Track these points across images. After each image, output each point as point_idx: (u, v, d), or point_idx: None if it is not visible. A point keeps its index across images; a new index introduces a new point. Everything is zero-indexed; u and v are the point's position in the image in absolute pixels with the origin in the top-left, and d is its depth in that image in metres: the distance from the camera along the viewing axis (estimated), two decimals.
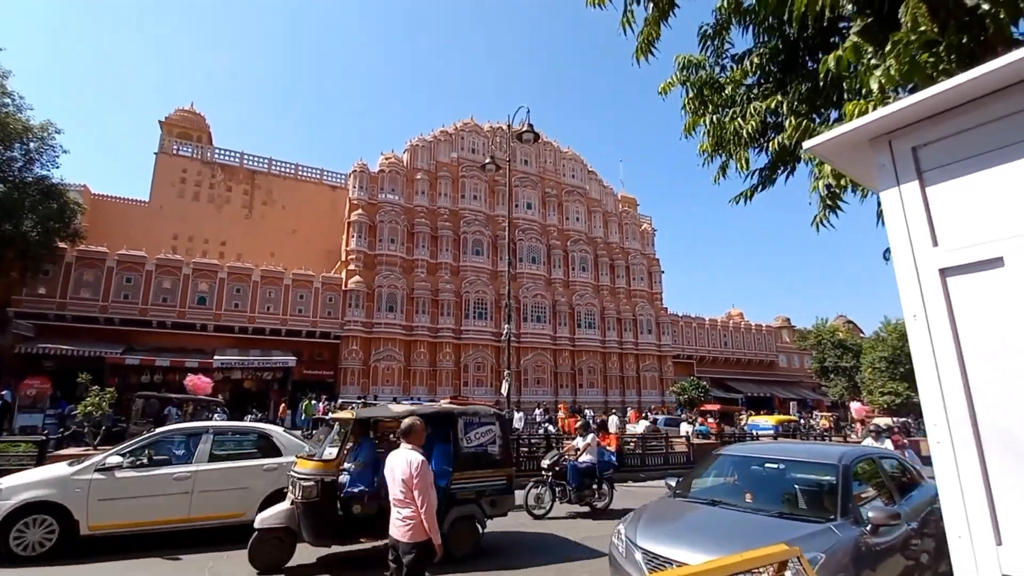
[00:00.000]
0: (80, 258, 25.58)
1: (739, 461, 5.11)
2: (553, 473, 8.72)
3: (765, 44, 4.91)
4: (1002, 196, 1.60)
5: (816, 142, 1.96)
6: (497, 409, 7.11)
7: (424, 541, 3.56)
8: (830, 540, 3.46)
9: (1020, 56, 1.46)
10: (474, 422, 6.53)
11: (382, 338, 30.37)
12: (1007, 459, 1.52)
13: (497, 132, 36.95)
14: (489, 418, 6.74)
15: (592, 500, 8.94)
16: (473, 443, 6.44)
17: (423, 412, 6.13)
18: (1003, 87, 1.58)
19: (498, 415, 6.96)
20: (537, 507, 8.46)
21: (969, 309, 1.64)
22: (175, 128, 38.80)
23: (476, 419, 6.57)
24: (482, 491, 6.35)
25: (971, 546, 1.57)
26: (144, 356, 24.87)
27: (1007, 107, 1.60)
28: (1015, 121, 1.60)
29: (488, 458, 6.56)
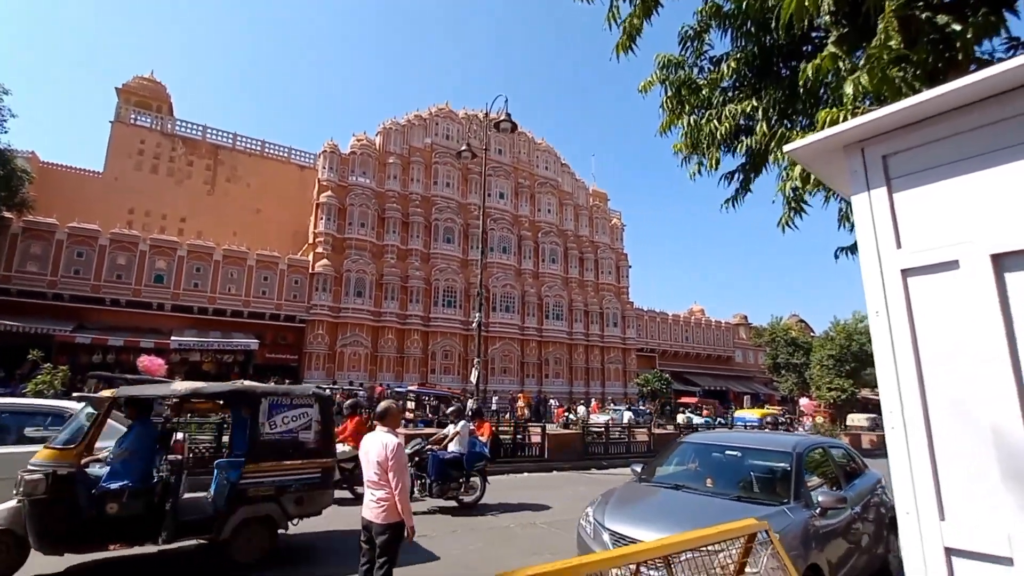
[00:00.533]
0: (27, 229, 24.14)
1: (701, 448, 5.34)
2: (415, 464, 7.94)
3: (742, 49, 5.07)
4: (961, 204, 1.75)
5: (795, 146, 2.09)
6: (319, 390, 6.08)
7: (397, 522, 3.60)
8: (783, 522, 3.68)
9: (985, 75, 1.60)
10: (283, 404, 5.60)
11: (349, 323, 29.93)
12: (954, 445, 1.68)
13: (472, 120, 36.64)
14: (305, 399, 5.77)
15: (459, 494, 8.12)
16: (279, 429, 5.50)
17: (216, 390, 5.66)
18: (969, 103, 1.72)
19: (319, 396, 5.95)
20: None
21: (926, 307, 1.79)
22: (133, 96, 36.89)
23: (287, 400, 5.65)
24: (285, 486, 5.39)
25: (917, 522, 1.72)
26: (96, 335, 23.76)
27: (973, 121, 1.75)
28: (978, 135, 1.74)
29: (298, 447, 5.59)
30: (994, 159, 1.71)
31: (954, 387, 1.69)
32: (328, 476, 5.87)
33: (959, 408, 1.68)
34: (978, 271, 1.66)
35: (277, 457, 5.43)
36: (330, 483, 5.92)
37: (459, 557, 5.72)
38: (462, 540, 6.38)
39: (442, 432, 9.01)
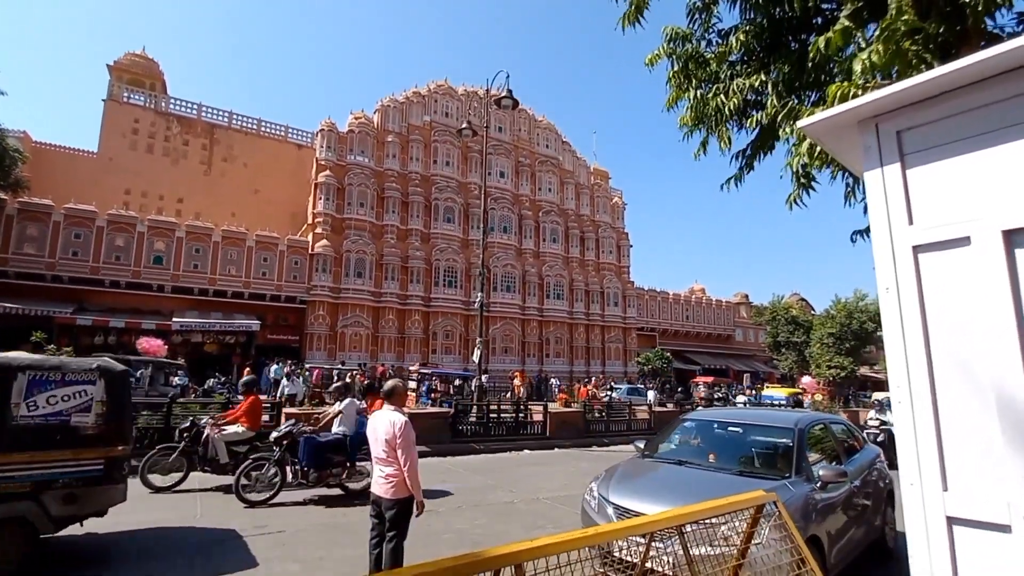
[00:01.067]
0: (23, 211, 23.99)
1: (703, 425, 5.42)
2: (284, 448, 7.05)
3: (751, 21, 4.97)
4: (974, 179, 1.75)
5: (808, 122, 2.07)
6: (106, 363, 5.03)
7: (406, 497, 3.68)
8: (785, 495, 3.75)
9: (1002, 51, 1.59)
10: (50, 380, 4.60)
11: (350, 304, 29.99)
12: (959, 418, 1.71)
13: (472, 97, 36.10)
14: (84, 375, 4.78)
15: (342, 480, 7.30)
16: (42, 411, 4.52)
17: None
18: (984, 78, 1.71)
19: (105, 370, 4.92)
20: (253, 490, 6.71)
21: (937, 283, 1.80)
22: (125, 74, 36.25)
23: (57, 376, 4.65)
24: (49, 480, 4.46)
25: (921, 492, 1.77)
26: (97, 317, 23.82)
27: (987, 97, 1.73)
28: (992, 111, 1.73)
29: (70, 433, 4.62)
30: (1007, 135, 1.70)
31: (962, 362, 1.72)
32: (115, 468, 4.87)
33: (966, 383, 1.71)
34: (989, 247, 1.67)
35: (37, 446, 4.46)
36: (118, 476, 4.90)
37: (466, 531, 5.85)
38: (467, 515, 6.52)
39: (326, 412, 8.14)
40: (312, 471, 7.01)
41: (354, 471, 7.42)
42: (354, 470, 7.42)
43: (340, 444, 7.26)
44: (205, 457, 7.36)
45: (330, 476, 7.18)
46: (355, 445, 7.34)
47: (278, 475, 6.90)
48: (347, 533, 5.57)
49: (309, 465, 6.99)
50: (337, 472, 7.23)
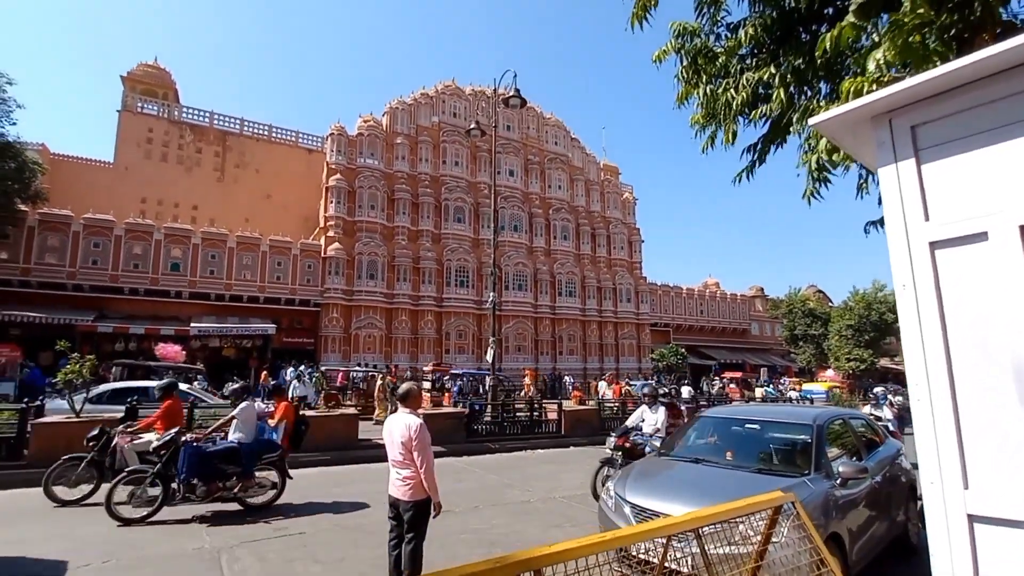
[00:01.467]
0: (43, 221, 24.52)
1: (720, 422, 5.38)
2: (163, 461, 6.21)
3: (761, 14, 4.92)
4: (990, 174, 1.73)
5: (821, 119, 2.05)
6: None
7: (424, 499, 3.72)
8: (804, 492, 3.72)
9: (1017, 43, 1.56)
10: None
11: (363, 306, 30.22)
12: (980, 416, 1.69)
13: (480, 96, 36.14)
14: None
15: (241, 494, 6.48)
16: None
17: None
18: (1000, 71, 1.68)
19: None
20: (128, 506, 6.01)
21: (954, 280, 1.78)
22: (139, 85, 36.87)
23: None
24: None
25: (942, 490, 1.75)
26: (117, 324, 24.29)
27: (1002, 90, 1.71)
28: (1008, 104, 1.71)
29: None
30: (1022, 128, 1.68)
31: (981, 359, 1.70)
32: None
33: (986, 380, 1.69)
34: (1007, 242, 1.65)
35: None
36: None
37: (483, 531, 5.89)
38: (484, 515, 6.56)
39: (226, 418, 7.01)
40: (200, 484, 6.16)
41: (252, 483, 6.56)
42: (252, 482, 6.56)
43: (233, 453, 6.43)
44: (114, 468, 6.76)
45: (222, 490, 6.34)
46: (252, 454, 6.56)
47: (159, 489, 6.11)
48: (368, 534, 5.62)
49: (191, 478, 6.12)
50: (231, 485, 6.40)
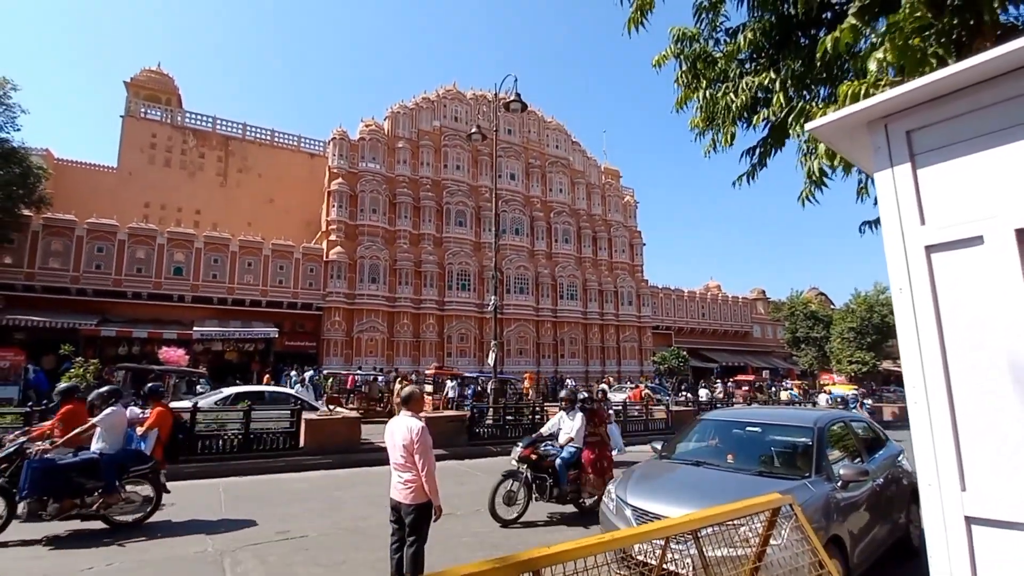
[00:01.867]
0: (47, 226, 24.65)
1: (721, 425, 5.39)
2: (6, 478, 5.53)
3: (759, 19, 4.95)
4: (986, 178, 1.74)
5: (817, 124, 2.07)
6: None
7: (425, 503, 3.73)
8: (804, 495, 3.73)
9: (1012, 48, 1.58)
10: None
11: (365, 309, 30.27)
12: (977, 419, 1.70)
13: (480, 100, 36.27)
14: None
15: (104, 511, 5.73)
16: None
17: None
18: (995, 76, 1.70)
19: None
20: None
21: (951, 284, 1.79)
22: (142, 90, 37.05)
23: None
24: None
25: (939, 493, 1.77)
26: (120, 328, 24.38)
27: (997, 95, 1.73)
28: (1003, 108, 1.73)
29: None
30: (1019, 133, 1.69)
31: (977, 362, 1.71)
32: None
33: (982, 383, 1.70)
34: (1003, 246, 1.67)
35: None
36: None
37: (484, 535, 5.89)
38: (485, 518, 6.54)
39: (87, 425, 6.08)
40: (51, 501, 5.40)
41: (118, 499, 5.76)
42: (117, 498, 5.75)
43: (91, 465, 5.64)
44: None
45: (79, 507, 5.59)
46: (116, 466, 5.76)
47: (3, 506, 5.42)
48: (369, 538, 5.63)
49: (36, 494, 5.32)
50: (91, 501, 5.64)
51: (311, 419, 10.28)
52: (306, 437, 10.05)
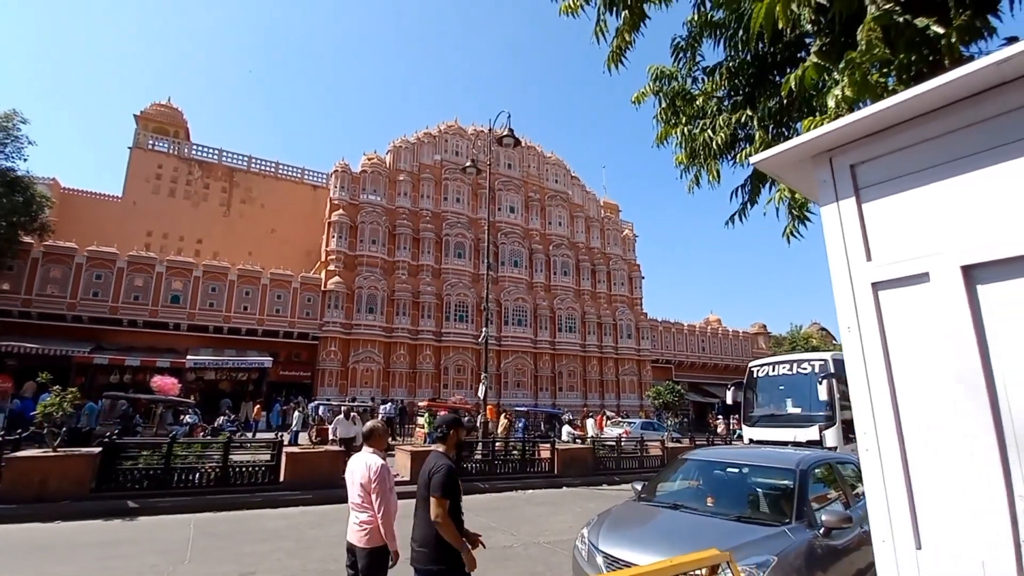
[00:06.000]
0: (48, 253, 24.81)
1: (704, 465, 5.19)
2: None
3: (735, 57, 5.01)
4: (930, 213, 1.67)
5: (761, 158, 2.03)
6: None
7: (380, 546, 3.52)
8: (783, 543, 3.54)
9: (948, 79, 1.53)
10: None
11: (361, 339, 30.08)
12: (929, 468, 1.58)
13: (480, 135, 36.98)
14: None
15: None
16: None
17: None
18: (936, 108, 1.65)
19: None
20: None
21: (898, 323, 1.70)
22: (151, 123, 37.99)
23: None
24: None
25: (893, 550, 1.63)
26: (113, 355, 24.21)
27: (941, 127, 1.67)
28: (948, 141, 1.67)
29: None
30: (964, 166, 1.63)
31: (928, 407, 1.61)
32: None
33: (935, 430, 1.59)
34: (949, 284, 1.58)
35: None
36: None
37: None
38: None
39: None
40: None
41: None
42: None
43: None
44: None
45: None
46: None
47: None
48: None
49: None
50: None
51: (293, 452, 10.02)
52: (287, 471, 9.77)
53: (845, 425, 11.08)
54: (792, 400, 12.09)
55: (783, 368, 12.66)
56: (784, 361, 12.94)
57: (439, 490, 3.11)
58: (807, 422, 11.30)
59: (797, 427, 11.41)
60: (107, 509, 7.82)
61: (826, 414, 11.23)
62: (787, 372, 12.55)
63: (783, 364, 12.77)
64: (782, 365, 12.76)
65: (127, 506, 8.05)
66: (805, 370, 11.94)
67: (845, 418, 11.13)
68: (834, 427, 10.96)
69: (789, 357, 13.19)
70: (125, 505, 8.05)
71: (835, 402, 11.04)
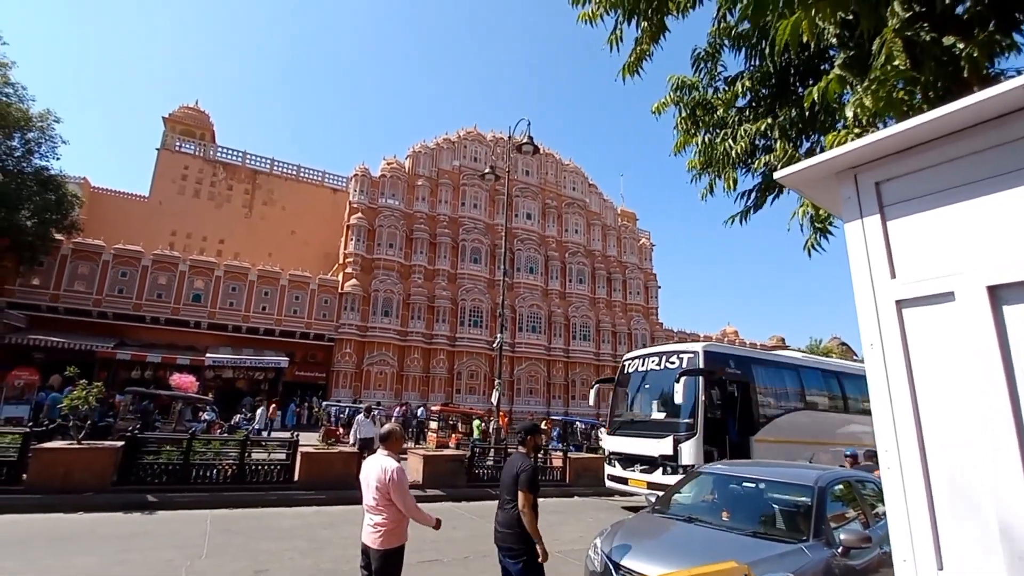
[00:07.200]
0: (76, 250, 25.55)
1: (719, 479, 5.13)
2: None
3: (757, 68, 5.02)
4: (956, 232, 1.67)
5: (785, 173, 2.03)
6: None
7: (395, 547, 3.57)
8: (800, 561, 3.49)
9: (979, 99, 1.54)
10: None
11: (376, 342, 30.34)
12: (951, 488, 1.57)
13: (499, 142, 37.22)
14: None
15: None
16: None
17: None
18: (964, 128, 1.65)
19: None
20: None
21: (922, 341, 1.69)
22: (179, 125, 38.98)
23: None
24: None
25: (915, 570, 1.61)
26: (135, 352, 24.76)
27: (966, 147, 1.67)
28: (973, 161, 1.67)
29: None
30: (990, 186, 1.63)
31: (951, 426, 1.60)
32: None
33: (957, 450, 1.58)
34: (974, 303, 1.57)
35: None
36: None
37: None
38: (473, 567, 6.28)
39: None
40: None
41: None
42: None
43: None
44: None
45: None
46: None
47: None
48: None
49: None
50: None
51: (308, 452, 10.14)
52: (301, 471, 9.88)
53: (708, 434, 9.26)
54: (657, 404, 10.22)
55: (652, 362, 10.68)
56: (654, 353, 10.95)
57: (527, 485, 3.67)
58: (663, 431, 9.48)
59: (653, 437, 9.60)
60: (127, 502, 8.00)
61: (685, 422, 9.31)
62: (655, 367, 10.51)
63: (653, 357, 10.82)
64: (651, 358, 10.81)
65: (146, 500, 8.20)
66: (673, 364, 10.05)
67: (710, 426, 9.33)
68: (694, 439, 9.03)
69: (660, 348, 11.23)
70: (144, 499, 8.22)
71: (699, 407, 9.21)
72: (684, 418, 9.35)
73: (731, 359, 10.48)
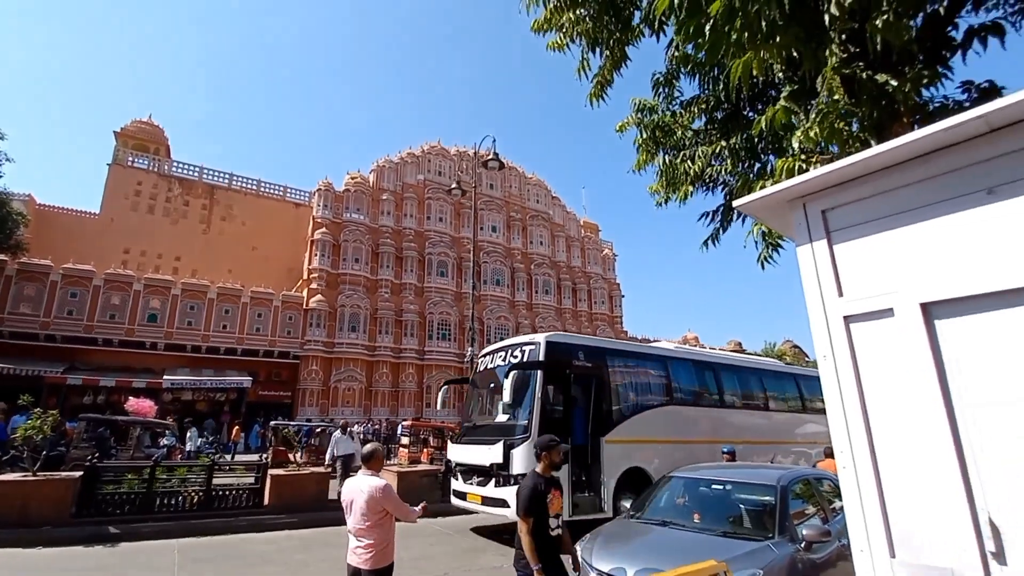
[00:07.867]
0: (21, 271, 24.19)
1: (689, 483, 5.35)
2: None
3: (711, 93, 5.35)
4: (893, 255, 1.90)
5: (743, 201, 2.25)
6: None
7: (385, 566, 3.60)
8: (767, 557, 3.71)
9: (904, 141, 1.77)
10: None
11: (344, 358, 29.78)
12: (899, 485, 1.78)
13: (463, 156, 37.43)
14: None
15: None
16: None
17: None
18: (896, 164, 1.89)
19: None
20: None
21: (869, 352, 1.91)
22: (131, 140, 37.55)
23: None
24: None
25: (871, 559, 1.81)
26: (87, 376, 23.52)
27: (897, 181, 1.91)
28: (903, 193, 1.91)
29: None
30: (921, 215, 1.86)
31: (897, 429, 1.81)
32: None
33: (903, 450, 1.78)
34: (910, 318, 1.79)
35: None
36: None
37: None
38: None
39: None
40: None
41: None
42: None
43: None
44: None
45: None
46: None
47: None
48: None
49: None
50: None
51: (277, 475, 9.90)
52: (271, 494, 9.63)
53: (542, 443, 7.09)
54: (499, 404, 8.59)
55: (499, 357, 9.17)
56: (501, 348, 9.40)
57: (521, 509, 3.51)
58: (497, 436, 8.00)
59: (487, 443, 8.12)
60: (88, 535, 7.62)
61: (521, 424, 7.83)
62: (501, 363, 8.99)
63: (500, 352, 9.29)
64: (499, 353, 9.28)
65: (108, 532, 7.83)
66: (516, 358, 8.61)
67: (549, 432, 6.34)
68: (527, 443, 7.45)
69: (507, 341, 9.59)
70: (106, 531, 7.84)
71: (535, 406, 7.73)
72: (521, 420, 7.91)
73: (581, 350, 9.05)
